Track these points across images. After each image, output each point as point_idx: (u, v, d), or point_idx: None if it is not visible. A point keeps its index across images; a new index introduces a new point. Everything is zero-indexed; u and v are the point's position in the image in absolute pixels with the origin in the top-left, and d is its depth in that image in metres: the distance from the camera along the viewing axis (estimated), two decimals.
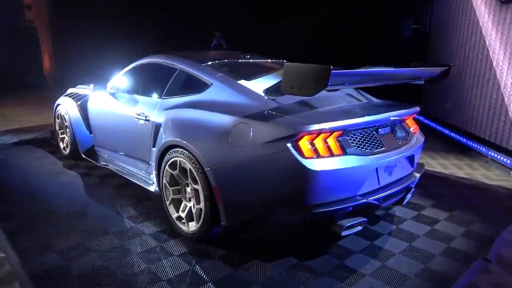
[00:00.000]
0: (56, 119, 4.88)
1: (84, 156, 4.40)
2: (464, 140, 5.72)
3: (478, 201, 3.74)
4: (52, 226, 3.03)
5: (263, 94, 2.66)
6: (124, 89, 3.80)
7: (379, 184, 2.60)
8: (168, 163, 2.90)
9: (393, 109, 2.76)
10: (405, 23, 8.74)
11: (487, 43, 5.85)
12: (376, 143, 2.59)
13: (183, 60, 3.33)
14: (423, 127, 7.11)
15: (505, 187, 4.16)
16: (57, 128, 4.92)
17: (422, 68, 3.01)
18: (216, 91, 2.90)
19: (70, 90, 4.91)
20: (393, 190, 2.65)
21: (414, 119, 3.16)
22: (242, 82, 2.84)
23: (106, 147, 4.11)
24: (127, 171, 3.74)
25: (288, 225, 2.38)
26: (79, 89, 4.71)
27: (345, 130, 2.40)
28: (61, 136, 4.87)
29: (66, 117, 4.56)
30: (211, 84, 2.95)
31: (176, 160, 2.82)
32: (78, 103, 4.48)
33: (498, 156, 4.81)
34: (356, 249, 2.77)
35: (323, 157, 2.30)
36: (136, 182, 3.54)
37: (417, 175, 2.96)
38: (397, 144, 2.73)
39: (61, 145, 4.87)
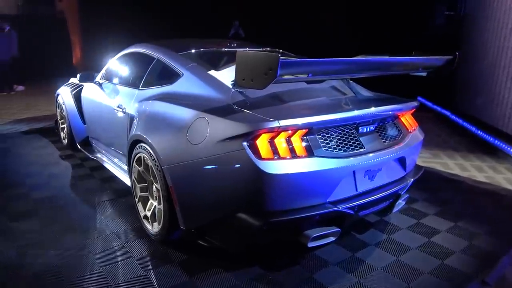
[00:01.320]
0: (57, 109, 4.87)
1: (79, 147, 4.35)
2: (491, 138, 5.15)
3: (491, 210, 3.29)
4: (21, 220, 2.95)
5: (230, 86, 2.40)
6: (110, 79, 3.67)
7: (357, 191, 2.28)
8: (135, 158, 2.73)
9: (380, 105, 2.41)
10: (437, 9, 8.04)
11: None
12: (354, 143, 2.26)
13: (160, 49, 3.13)
14: (449, 124, 6.54)
15: None
16: (58, 117, 4.92)
17: (421, 57, 2.62)
18: (186, 82, 2.67)
19: (71, 80, 4.87)
20: (374, 197, 2.32)
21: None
22: (212, 72, 2.59)
23: (96, 139, 4.02)
24: (112, 164, 3.62)
25: (245, 233, 2.12)
26: (76, 79, 4.64)
27: (312, 128, 2.09)
28: (61, 126, 4.86)
29: (64, 107, 4.53)
30: (182, 74, 2.73)
31: (141, 156, 2.64)
32: (73, 93, 4.42)
33: None
34: (332, 261, 2.47)
35: (283, 158, 2.02)
36: (117, 175, 3.42)
37: (410, 179, 2.59)
38: (382, 145, 2.39)
39: (61, 135, 4.86)
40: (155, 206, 2.64)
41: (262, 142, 2.01)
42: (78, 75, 3.81)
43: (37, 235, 2.73)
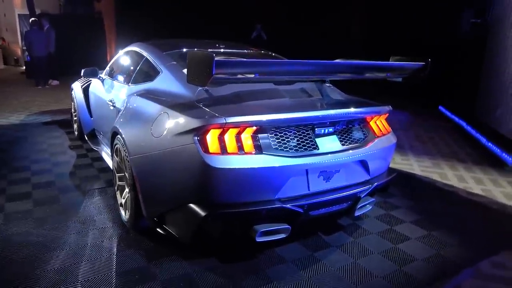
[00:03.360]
0: (72, 102, 5.21)
1: (86, 138, 4.63)
2: (499, 151, 4.93)
3: (472, 223, 3.19)
4: (13, 202, 3.19)
5: None
6: (111, 76, 3.91)
7: (309, 190, 2.32)
8: (114, 149, 2.91)
9: (342, 108, 2.44)
10: (464, 16, 7.78)
11: None
12: (308, 143, 2.31)
13: (149, 48, 3.31)
14: (463, 134, 6.29)
15: None
16: (72, 110, 5.25)
17: (393, 63, 2.62)
18: (163, 80, 2.83)
19: None
20: (327, 198, 2.35)
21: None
22: (185, 71, 2.72)
23: (98, 130, 4.28)
24: (106, 155, 3.85)
25: (192, 223, 2.23)
26: None
27: (262, 127, 2.17)
28: (74, 118, 5.19)
29: (75, 100, 4.85)
30: (161, 72, 2.89)
31: (118, 147, 2.82)
32: (83, 87, 4.72)
33: None
34: (289, 258, 2.52)
35: (231, 154, 2.11)
36: (110, 166, 3.63)
37: (374, 183, 2.59)
38: (340, 147, 2.41)
39: (74, 127, 5.19)
40: (128, 195, 2.81)
41: (211, 137, 2.11)
42: (82, 71, 4.08)
43: (26, 215, 2.98)
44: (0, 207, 3.10)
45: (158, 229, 2.47)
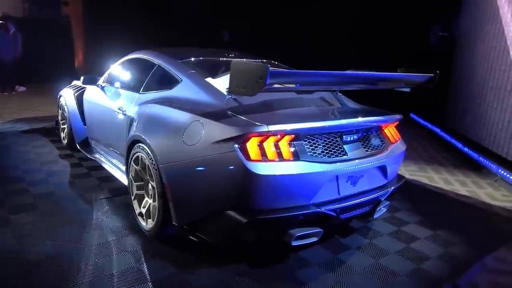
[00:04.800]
0: (59, 110, 5.03)
1: (78, 147, 4.50)
2: (476, 155, 5.34)
3: (468, 222, 3.45)
4: (20, 213, 3.07)
5: (225, 93, 2.58)
6: (112, 83, 3.85)
7: (339, 194, 2.44)
8: (133, 158, 2.88)
9: (364, 116, 2.59)
10: (432, 30, 8.33)
11: (511, 53, 5.43)
12: (338, 150, 2.43)
13: (161, 56, 3.31)
14: (438, 141, 6.74)
15: (507, 208, 3.82)
16: (59, 118, 5.07)
17: (405, 74, 2.81)
18: (184, 88, 2.85)
19: (74, 82, 5.05)
20: (355, 202, 2.48)
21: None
22: (209, 79, 2.78)
23: (96, 139, 4.18)
24: (110, 164, 3.77)
25: (233, 229, 2.28)
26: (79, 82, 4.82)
27: (298, 134, 2.27)
28: (62, 126, 5.01)
29: (66, 108, 4.69)
30: (181, 80, 2.91)
31: (139, 156, 2.80)
32: (76, 94, 4.59)
33: (508, 175, 4.43)
34: (314, 261, 2.62)
35: (271, 161, 2.18)
36: (115, 175, 3.56)
37: (391, 187, 2.76)
38: (364, 153, 2.56)
39: (61, 135, 5.01)
40: (150, 203, 2.79)
41: (251, 145, 2.17)
42: (82, 78, 3.98)
43: (35, 227, 2.86)
44: (4, 219, 2.96)
45: (190, 237, 2.48)
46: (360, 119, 2.52)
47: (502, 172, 4.55)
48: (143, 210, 2.84)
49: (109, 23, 12.34)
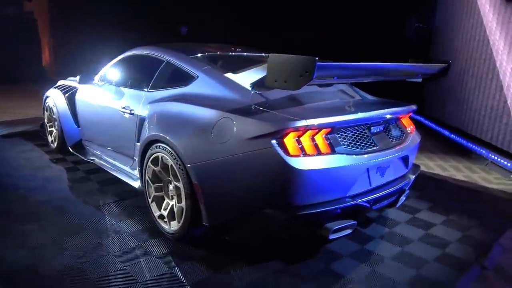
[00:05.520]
0: (45, 112, 4.75)
1: (71, 150, 4.28)
2: (464, 142, 5.56)
3: (475, 206, 3.59)
4: (26, 222, 2.90)
5: (249, 88, 2.52)
6: (111, 82, 3.67)
7: (371, 185, 2.46)
8: (151, 158, 2.77)
9: (387, 107, 2.62)
10: (408, 22, 8.56)
11: (491, 43, 5.68)
12: (368, 142, 2.44)
13: (170, 52, 3.19)
14: (423, 128, 6.97)
15: (504, 191, 4.01)
16: (46, 120, 4.79)
17: (420, 64, 2.86)
18: (202, 84, 2.76)
19: (60, 82, 4.78)
20: (385, 192, 2.51)
21: (412, 118, 3.02)
22: (229, 75, 2.70)
23: (93, 141, 3.98)
24: (113, 167, 3.61)
25: (271, 227, 2.24)
26: (69, 81, 4.58)
27: (334, 127, 2.25)
28: (49, 129, 4.74)
29: (54, 109, 4.44)
30: (197, 77, 2.82)
31: (158, 156, 2.68)
32: (66, 95, 4.35)
33: (499, 159, 4.65)
34: (345, 253, 2.63)
35: (309, 155, 2.16)
36: (121, 178, 3.41)
37: (412, 176, 2.81)
38: (390, 144, 2.59)
39: (49, 138, 4.74)
40: (172, 205, 2.69)
41: (289, 140, 2.14)
42: (78, 77, 3.78)
43: (47, 236, 2.69)
44: (13, 231, 2.76)
45: (223, 236, 2.42)
46: (386, 110, 2.54)
47: (493, 156, 4.76)
48: (165, 212, 2.74)
49: (76, 20, 11.82)
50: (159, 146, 2.66)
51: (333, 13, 10.05)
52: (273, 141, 2.12)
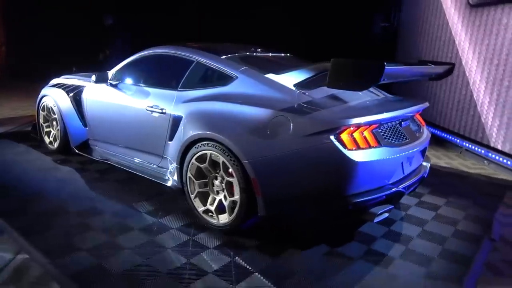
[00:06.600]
0: (41, 112, 4.58)
1: (76, 151, 4.20)
2: (439, 132, 6.18)
3: (465, 188, 4.10)
4: (66, 224, 2.90)
5: (294, 88, 2.74)
6: (130, 81, 3.68)
7: (403, 174, 2.79)
8: (195, 156, 2.88)
9: (413, 104, 2.95)
10: (375, 20, 9.14)
11: (457, 43, 6.33)
12: (401, 135, 2.77)
13: (200, 52, 3.30)
14: None
15: (484, 175, 4.59)
16: (41, 121, 4.62)
17: (433, 66, 3.23)
18: (242, 84, 2.92)
19: (55, 81, 4.63)
20: (414, 179, 2.86)
21: None
22: (271, 75, 2.89)
23: (106, 141, 3.95)
24: (135, 165, 3.64)
25: (329, 214, 2.49)
26: (69, 80, 4.45)
27: (380, 124, 2.54)
28: (46, 129, 4.58)
29: (55, 109, 4.31)
30: (236, 77, 2.97)
31: (206, 154, 2.81)
32: (71, 94, 4.24)
33: (473, 147, 5.26)
34: (377, 235, 2.95)
35: (362, 148, 2.43)
36: (146, 176, 3.47)
37: (428, 165, 3.20)
38: (415, 137, 2.93)
39: (47, 140, 4.58)
40: (220, 199, 2.84)
41: (345, 136, 2.39)
42: (94, 76, 3.73)
43: (96, 238, 2.72)
44: (58, 233, 2.76)
45: (277, 226, 2.62)
46: (414, 107, 2.88)
47: (467, 144, 5.37)
48: (211, 207, 2.88)
49: (31, 16, 11.14)
50: (207, 144, 2.79)
51: (299, 12, 10.39)
52: (332, 137, 2.37)
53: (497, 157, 4.89)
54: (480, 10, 5.73)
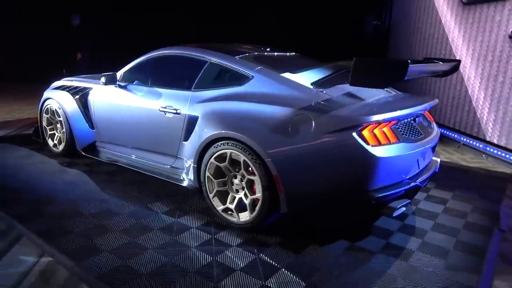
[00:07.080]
0: (44, 114, 4.51)
1: (83, 153, 4.16)
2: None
3: (469, 181, 4.22)
4: (83, 226, 2.88)
5: (311, 87, 2.79)
6: (140, 82, 3.67)
7: (419, 168, 2.87)
8: (214, 155, 2.90)
9: (425, 101, 3.03)
10: (367, 19, 9.28)
11: (450, 40, 6.49)
12: (417, 131, 2.84)
13: (213, 53, 3.31)
14: None
15: (483, 168, 4.73)
16: (44, 124, 4.55)
17: (441, 63, 3.31)
18: (257, 84, 2.95)
19: (58, 83, 4.57)
20: (427, 174, 2.94)
21: None
22: (287, 75, 2.93)
23: (115, 142, 3.93)
24: (146, 166, 3.63)
25: (352, 210, 2.55)
26: (73, 82, 4.40)
27: (398, 120, 2.61)
28: (50, 132, 4.52)
29: (60, 111, 4.26)
30: (252, 76, 3.00)
31: (226, 153, 2.83)
32: (76, 96, 4.20)
33: (470, 141, 5.41)
34: (393, 229, 3.02)
35: (383, 144, 2.49)
36: (159, 177, 3.47)
37: (438, 160, 3.29)
38: (428, 132, 3.02)
39: (50, 143, 4.52)
40: (240, 197, 2.87)
41: (367, 132, 2.45)
42: (103, 77, 3.70)
43: (119, 238, 2.72)
44: (78, 235, 2.74)
45: (299, 223, 2.67)
46: (427, 103, 2.95)
47: (464, 139, 5.52)
48: (231, 206, 2.90)
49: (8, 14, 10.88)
50: (227, 143, 2.81)
51: (291, 13, 10.45)
52: (354, 134, 2.42)
53: (494, 151, 5.04)
54: (473, 8, 5.89)
